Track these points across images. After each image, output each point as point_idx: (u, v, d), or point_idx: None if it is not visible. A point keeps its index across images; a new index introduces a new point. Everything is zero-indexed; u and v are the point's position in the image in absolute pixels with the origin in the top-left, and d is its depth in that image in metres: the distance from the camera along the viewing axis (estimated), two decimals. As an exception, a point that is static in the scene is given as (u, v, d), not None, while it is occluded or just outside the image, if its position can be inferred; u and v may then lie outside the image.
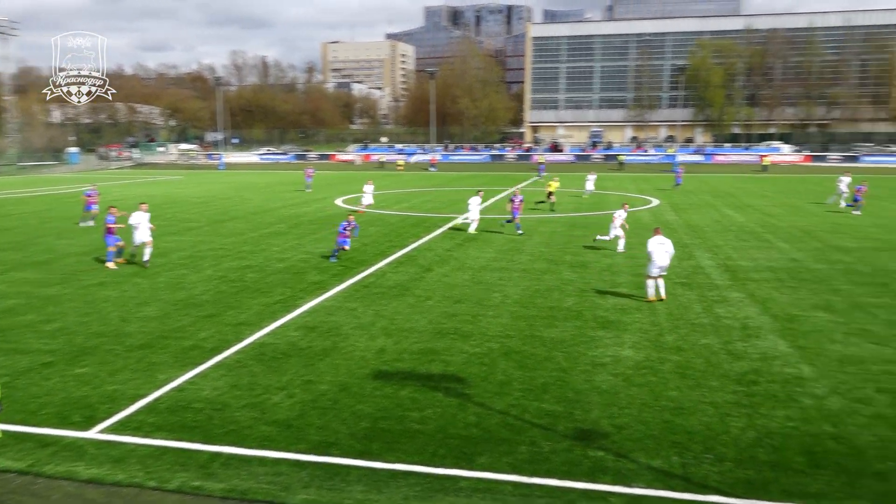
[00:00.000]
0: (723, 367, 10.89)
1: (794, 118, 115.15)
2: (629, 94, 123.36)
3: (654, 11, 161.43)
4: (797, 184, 51.20)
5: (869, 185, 35.60)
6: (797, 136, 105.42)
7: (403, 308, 14.51)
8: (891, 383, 10.20)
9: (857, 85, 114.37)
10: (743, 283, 16.82)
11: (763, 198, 39.27)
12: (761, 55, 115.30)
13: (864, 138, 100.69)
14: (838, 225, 27.41)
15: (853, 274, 17.96)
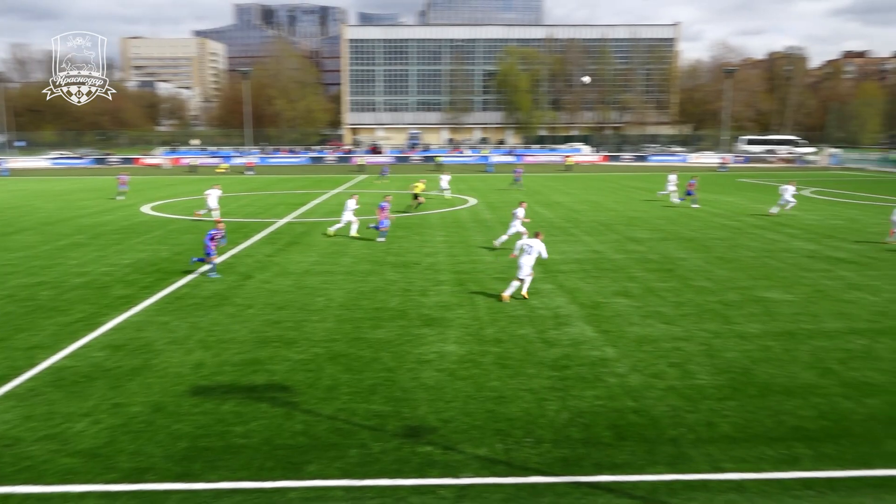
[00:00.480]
0: (538, 355, 11.58)
1: (592, 121, 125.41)
2: (444, 98, 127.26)
3: (465, 18, 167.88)
4: (597, 182, 55.73)
5: (699, 179, 39.60)
6: (595, 137, 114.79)
7: (222, 318, 13.85)
8: (679, 358, 11.43)
9: (643, 92, 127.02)
10: (553, 275, 17.99)
11: (568, 195, 42.28)
12: (562, 63, 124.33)
13: (650, 140, 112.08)
14: (632, 219, 30.21)
15: (646, 262, 19.90)
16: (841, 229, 26.53)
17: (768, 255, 20.90)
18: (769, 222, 28.69)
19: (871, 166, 78.73)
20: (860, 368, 10.90)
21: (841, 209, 33.91)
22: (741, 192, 45.07)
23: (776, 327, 13.19)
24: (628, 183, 53.78)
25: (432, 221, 29.69)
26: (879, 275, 17.99)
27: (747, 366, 11.05)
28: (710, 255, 21.03)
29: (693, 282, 17.21)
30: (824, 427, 8.79)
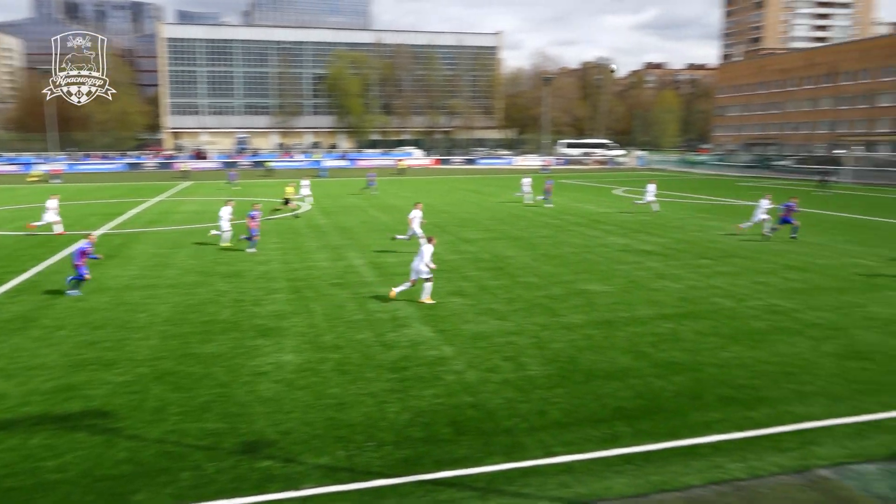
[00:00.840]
0: (377, 359, 11.61)
1: (422, 126, 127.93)
2: (273, 101, 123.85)
3: (291, 20, 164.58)
4: (429, 185, 56.92)
5: (555, 182, 41.31)
6: (426, 141, 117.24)
7: (27, 343, 12.50)
8: (511, 352, 11.97)
9: (470, 97, 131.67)
10: (391, 278, 18.11)
11: (402, 198, 42.79)
12: (391, 68, 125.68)
13: (478, 144, 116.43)
14: (464, 220, 31.20)
15: (478, 262, 20.64)
16: (648, 225, 29.13)
17: (587, 251, 22.48)
18: (588, 220, 30.87)
19: (672, 167, 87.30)
20: (668, 350, 12.04)
21: (647, 205, 37.19)
22: (563, 192, 48.06)
23: (597, 317, 14.22)
24: (459, 185, 55.47)
25: (266, 228, 28.77)
26: (681, 264, 19.98)
27: (573, 354, 11.81)
28: (536, 252, 22.23)
29: (522, 278, 18.10)
30: (641, 405, 9.61)
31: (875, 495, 7.26)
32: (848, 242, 24.16)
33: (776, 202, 29.73)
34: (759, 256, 21.27)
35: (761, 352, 11.90)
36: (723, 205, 38.46)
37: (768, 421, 9.05)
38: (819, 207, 36.16)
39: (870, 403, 9.61)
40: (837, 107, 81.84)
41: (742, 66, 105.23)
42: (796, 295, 16.10)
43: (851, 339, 12.63)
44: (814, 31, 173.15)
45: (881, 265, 19.85)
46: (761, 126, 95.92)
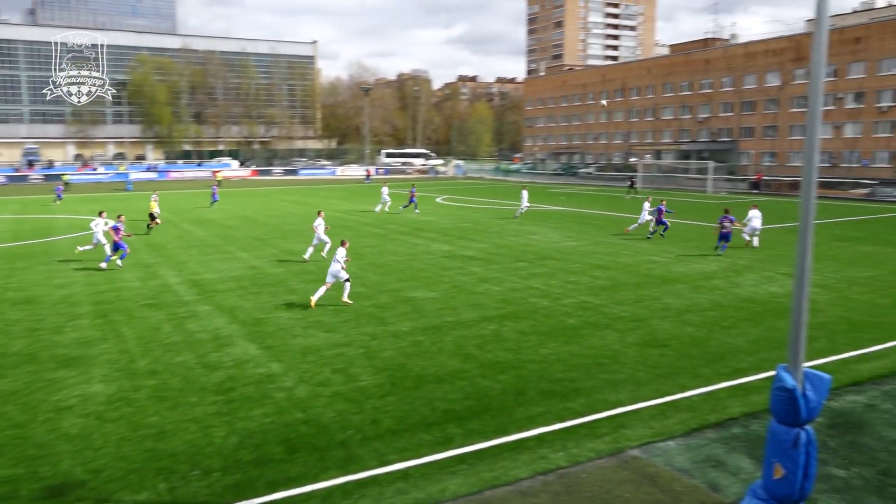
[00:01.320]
0: (200, 381, 10.98)
1: (239, 136, 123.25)
2: (68, 108, 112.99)
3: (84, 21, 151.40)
4: (249, 197, 54.89)
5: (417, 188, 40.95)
6: (244, 152, 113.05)
7: None
8: (342, 364, 11.86)
9: (288, 107, 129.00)
10: (210, 296, 17.23)
11: (220, 211, 40.89)
12: (202, 75, 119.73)
13: (299, 154, 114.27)
14: (288, 232, 30.44)
15: (303, 274, 20.22)
16: (469, 231, 30.26)
17: (412, 259, 22.88)
18: (411, 228, 31.43)
19: (488, 175, 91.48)
20: (492, 350, 12.57)
21: (467, 213, 38.68)
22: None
23: (424, 323, 14.50)
24: (282, 197, 54.07)
25: (61, 247, 26.14)
26: (500, 268, 20.97)
27: (402, 361, 11.94)
28: (362, 262, 22.24)
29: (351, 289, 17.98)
30: (469, 406, 9.94)
31: (676, 469, 8.07)
32: (644, 242, 26.72)
33: (583, 207, 32.18)
34: (569, 258, 22.88)
35: (576, 346, 12.80)
36: (536, 210, 40.92)
37: (585, 410, 9.75)
38: (623, 210, 39.65)
39: (669, 386, 10.68)
40: (629, 119, 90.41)
41: (546, 80, 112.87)
42: (603, 292, 17.51)
43: (651, 328, 13.98)
44: (606, 49, 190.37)
45: (671, 261, 22.17)
46: (566, 136, 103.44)
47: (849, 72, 64.45)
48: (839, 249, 24.60)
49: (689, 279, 19.12)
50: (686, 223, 33.32)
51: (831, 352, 12.31)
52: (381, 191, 41.88)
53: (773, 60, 71.81)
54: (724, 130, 77.99)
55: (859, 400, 10.10)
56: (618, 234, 29.11)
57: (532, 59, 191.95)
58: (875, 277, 19.32)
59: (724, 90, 77.49)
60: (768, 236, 28.03)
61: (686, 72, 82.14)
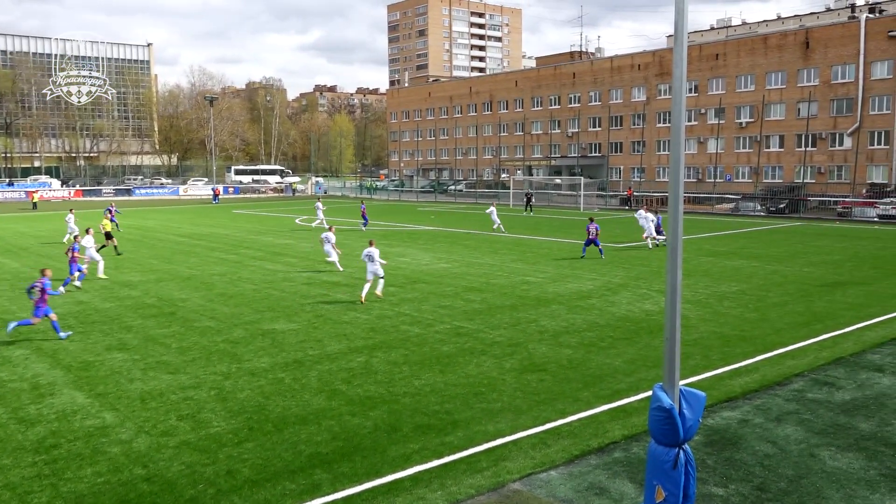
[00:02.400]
0: (16, 439, 10.05)
1: (60, 151, 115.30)
2: None
3: None
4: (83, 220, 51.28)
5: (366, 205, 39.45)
6: (66, 169, 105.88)
7: None
8: (189, 408, 11.28)
9: (120, 117, 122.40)
10: (26, 338, 15.87)
11: (36, 238, 37.95)
12: (12, 80, 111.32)
13: (135, 171, 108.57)
14: (121, 261, 28.73)
15: (142, 308, 19.14)
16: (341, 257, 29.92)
17: (270, 286, 22.29)
18: (268, 253, 30.65)
19: (351, 193, 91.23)
20: (362, 384, 12.45)
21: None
22: (237, 223, 47.10)
23: (285, 358, 14.13)
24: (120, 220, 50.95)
25: None
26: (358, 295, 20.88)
27: (261, 402, 11.55)
28: (211, 292, 21.39)
29: (197, 323, 17.25)
30: (338, 448, 9.75)
31: (560, 500, 8.32)
32: (516, 261, 27.61)
33: (454, 226, 32.77)
34: (441, 280, 23.19)
35: (451, 375, 12.94)
36: (405, 231, 41.21)
37: (463, 443, 9.85)
38: (490, 229, 40.79)
39: (549, 412, 11.03)
40: (499, 133, 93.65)
41: (410, 91, 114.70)
42: (477, 316, 17.87)
43: (528, 353, 14.41)
44: (473, 61, 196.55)
45: (546, 282, 23.04)
46: (433, 151, 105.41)
47: (710, 88, 70.42)
48: (709, 264, 26.62)
49: (565, 299, 19.93)
50: (559, 241, 34.81)
51: (705, 368, 13.23)
52: (317, 205, 43.91)
53: (639, 75, 77.16)
54: (593, 145, 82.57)
55: (733, 416, 10.90)
56: (494, 251, 29.88)
57: (395, 68, 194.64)
58: (743, 291, 21.05)
59: (591, 104, 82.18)
60: (642, 253, 29.86)
61: (554, 85, 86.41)
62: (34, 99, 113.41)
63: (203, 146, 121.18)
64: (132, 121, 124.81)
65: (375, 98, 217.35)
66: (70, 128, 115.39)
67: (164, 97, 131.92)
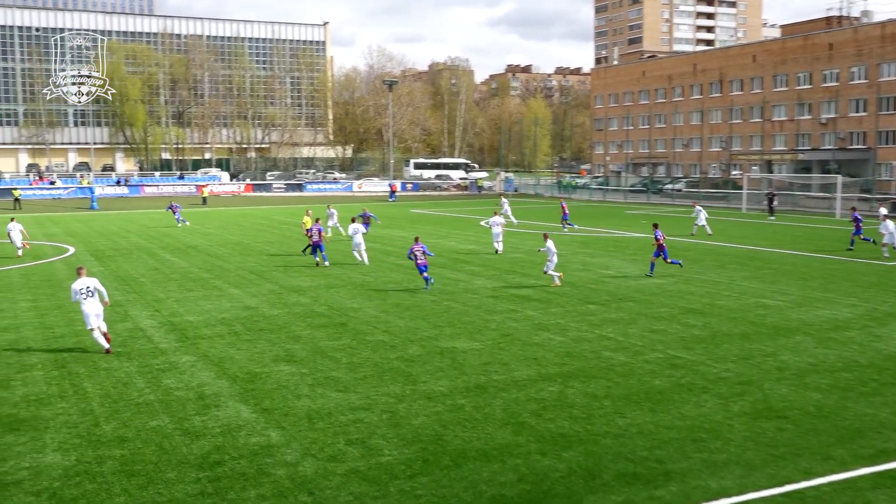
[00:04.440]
0: (180, 452, 11.07)
1: (230, 141, 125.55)
2: (20, 107, 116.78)
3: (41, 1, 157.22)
4: (241, 218, 55.80)
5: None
6: (237, 162, 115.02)
7: None
8: (359, 433, 11.84)
9: (293, 105, 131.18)
10: (193, 343, 17.44)
11: (205, 236, 41.58)
12: (185, 65, 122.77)
13: (307, 164, 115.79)
14: (290, 263, 30.77)
15: (312, 316, 20.38)
16: (522, 263, 30.22)
17: (450, 298, 22.88)
18: (449, 259, 31.53)
19: (546, 192, 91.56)
20: (554, 419, 12.44)
21: (520, 241, 38.68)
22: (416, 223, 48.84)
23: (466, 382, 14.44)
24: (282, 218, 54.85)
25: (12, 280, 26.82)
26: (563, 312, 20.84)
27: (438, 431, 11.88)
28: (385, 302, 22.32)
29: (369, 336, 18.07)
30: (525, 491, 9.81)
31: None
32: (749, 279, 26.35)
33: (671, 233, 31.89)
34: (653, 299, 22.65)
35: (664, 415, 12.59)
36: (610, 237, 40.71)
37: (677, 500, 9.55)
38: (720, 239, 39.24)
39: (789, 470, 10.41)
40: (730, 120, 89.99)
41: (620, 70, 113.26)
42: (698, 345, 17.26)
43: (764, 394, 13.69)
44: (698, 32, 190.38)
45: (788, 306, 21.79)
46: (647, 142, 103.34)
47: None
48: None
49: (813, 329, 18.75)
50: (807, 256, 32.80)
51: None
52: (503, 204, 45.96)
53: (920, 44, 71.07)
54: (855, 135, 77.00)
55: None
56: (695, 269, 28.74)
57: (601, 43, 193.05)
58: None
59: (854, 83, 76.75)
60: (918, 274, 27.44)
61: (804, 59, 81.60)
62: (206, 85, 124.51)
63: (380, 136, 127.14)
64: (305, 108, 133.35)
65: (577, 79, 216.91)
66: (241, 116, 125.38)
67: (340, 82, 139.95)
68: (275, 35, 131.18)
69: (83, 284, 16.43)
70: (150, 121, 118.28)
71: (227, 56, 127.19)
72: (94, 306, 16.42)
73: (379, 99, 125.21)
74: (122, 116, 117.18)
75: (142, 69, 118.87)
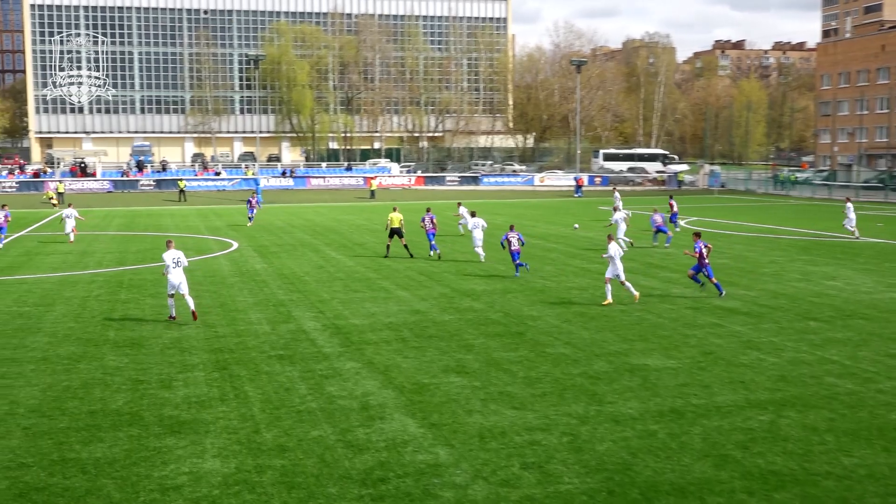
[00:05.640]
0: (342, 466, 11.46)
1: (401, 130, 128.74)
2: (186, 94, 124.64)
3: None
4: (412, 213, 57.11)
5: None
6: (407, 152, 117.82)
7: None
8: (536, 456, 11.85)
9: (469, 90, 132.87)
10: (358, 349, 18.03)
11: (373, 233, 42.91)
12: (356, 47, 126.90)
13: (483, 155, 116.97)
14: (462, 265, 31.23)
15: (486, 324, 20.59)
16: (728, 270, 29.25)
17: (643, 308, 22.48)
18: (641, 264, 30.99)
19: (759, 188, 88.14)
20: (764, 453, 11.96)
21: (725, 243, 37.46)
22: (604, 221, 48.32)
23: (659, 405, 14.13)
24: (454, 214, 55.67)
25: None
26: (777, 328, 20.01)
27: (626, 460, 11.69)
28: (568, 310, 22.23)
29: (549, 348, 18.04)
30: (727, 535, 9.50)
31: None
32: None
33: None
34: (890, 317, 21.36)
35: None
36: (836, 243, 38.70)
37: (915, 557, 8.96)
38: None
39: None
40: None
41: (853, 44, 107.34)
42: (946, 372, 16.12)
43: None
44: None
45: None
46: (886, 129, 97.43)
47: None
48: None
49: None
50: None
51: None
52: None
53: None
54: None
55: None
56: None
57: (831, 12, 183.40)
58: None
59: None
60: None
61: None
62: (377, 69, 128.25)
63: (565, 124, 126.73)
64: (483, 93, 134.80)
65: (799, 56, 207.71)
66: (413, 102, 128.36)
67: (522, 63, 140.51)
68: (451, 12, 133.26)
69: (173, 256, 20.77)
70: (318, 107, 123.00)
71: (399, 36, 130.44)
72: (179, 275, 20.69)
73: (565, 82, 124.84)
74: (288, 103, 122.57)
75: (310, 52, 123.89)
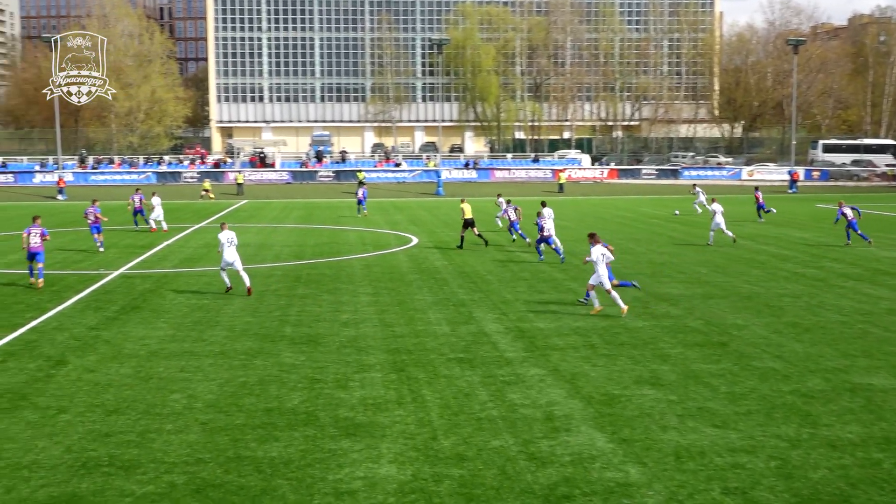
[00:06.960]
0: (524, 480, 11.52)
1: (593, 119, 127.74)
2: (367, 81, 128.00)
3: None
4: (602, 208, 56.67)
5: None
6: (599, 143, 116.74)
7: (19, 429, 13.42)
8: (739, 480, 11.52)
9: (669, 74, 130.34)
10: (543, 354, 18.04)
11: (560, 229, 42.80)
12: (545, 30, 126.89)
13: (684, 146, 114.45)
14: (660, 265, 30.72)
15: (684, 332, 20.17)
16: (970, 279, 27.48)
17: (868, 320, 21.45)
18: (866, 270, 29.55)
19: None
20: None
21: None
22: (819, 223, 46.36)
23: (884, 430, 13.45)
24: (651, 210, 54.80)
25: (354, 271, 29.58)
26: None
27: (844, 491, 11.20)
28: (779, 320, 21.47)
29: (756, 361, 17.50)
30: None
31: None
32: None
33: None
34: None
35: None
36: None
37: None
38: None
39: None
40: None
41: None
42: None
43: None
44: None
45: None
46: None
47: None
48: None
49: None
50: None
51: None
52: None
53: None
54: None
55: None
56: None
57: None
58: None
59: None
60: None
61: None
62: (569, 52, 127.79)
63: (779, 111, 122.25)
64: (685, 78, 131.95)
65: None
66: (607, 88, 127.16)
67: (730, 43, 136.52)
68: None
69: (227, 236, 24.34)
70: (504, 94, 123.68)
71: (593, 16, 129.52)
72: (232, 254, 24.38)
73: (780, 64, 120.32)
74: (472, 90, 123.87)
75: (497, 35, 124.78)
